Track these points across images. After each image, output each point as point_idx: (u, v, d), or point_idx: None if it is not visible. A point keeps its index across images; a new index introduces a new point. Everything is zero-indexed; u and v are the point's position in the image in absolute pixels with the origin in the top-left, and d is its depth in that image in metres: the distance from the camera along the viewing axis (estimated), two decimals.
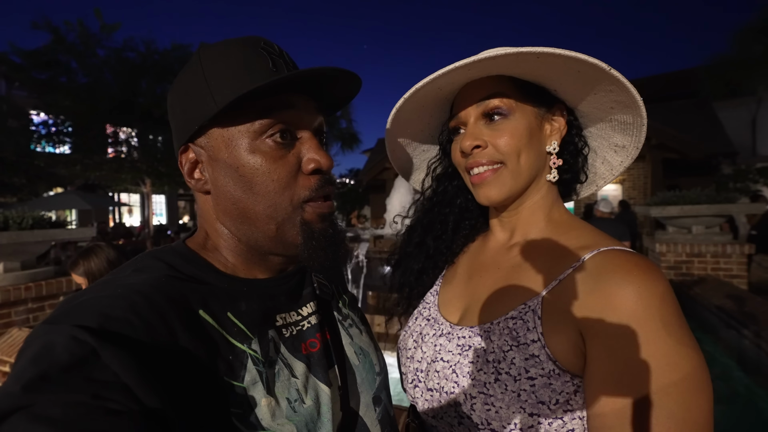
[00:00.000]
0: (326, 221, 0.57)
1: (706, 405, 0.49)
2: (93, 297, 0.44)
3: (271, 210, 0.53)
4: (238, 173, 0.53)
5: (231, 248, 0.58)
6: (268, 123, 0.52)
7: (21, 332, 2.98)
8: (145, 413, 0.36)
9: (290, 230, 0.54)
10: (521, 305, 0.63)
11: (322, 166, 0.55)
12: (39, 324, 0.41)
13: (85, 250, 2.00)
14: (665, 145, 9.05)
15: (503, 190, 0.68)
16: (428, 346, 0.72)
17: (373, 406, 0.64)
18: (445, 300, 0.79)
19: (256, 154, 0.52)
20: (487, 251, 0.79)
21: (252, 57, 0.53)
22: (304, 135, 0.56)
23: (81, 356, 0.36)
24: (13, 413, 0.32)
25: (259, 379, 0.49)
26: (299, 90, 0.55)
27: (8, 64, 9.99)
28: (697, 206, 4.45)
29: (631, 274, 0.54)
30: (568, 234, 0.68)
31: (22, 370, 0.35)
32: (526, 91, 0.69)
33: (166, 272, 0.51)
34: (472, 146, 0.68)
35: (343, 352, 0.64)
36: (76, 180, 12.90)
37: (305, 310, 0.62)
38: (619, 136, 0.74)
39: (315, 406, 0.53)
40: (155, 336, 0.42)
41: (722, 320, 3.46)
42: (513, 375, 0.58)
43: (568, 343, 0.57)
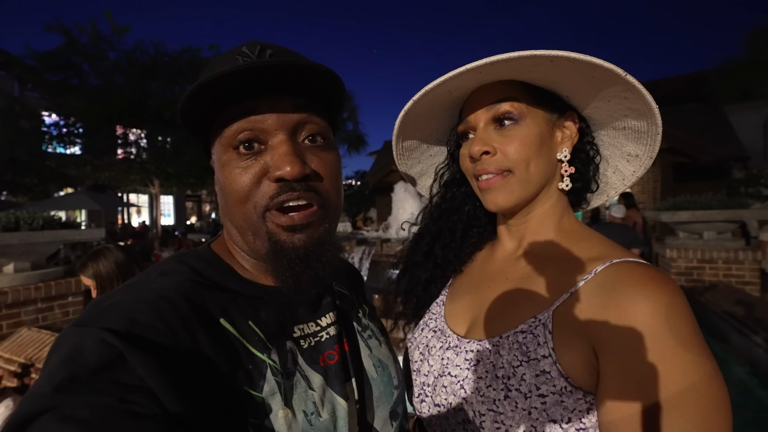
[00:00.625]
0: (295, 233, 0.52)
1: (723, 423, 0.47)
2: (120, 301, 0.45)
3: (243, 220, 0.53)
4: (220, 185, 0.55)
5: (243, 255, 0.59)
6: (232, 134, 0.52)
7: (30, 332, 3.01)
8: (168, 418, 0.37)
9: (261, 239, 0.53)
10: (531, 318, 0.61)
11: (284, 175, 0.50)
12: (68, 326, 0.42)
13: (93, 252, 2.01)
14: (675, 149, 8.94)
15: (512, 197, 0.67)
16: (435, 360, 0.70)
17: (390, 420, 0.62)
18: (452, 311, 0.77)
19: (226, 166, 0.53)
20: (495, 261, 0.78)
21: (222, 65, 0.50)
22: (275, 140, 0.52)
23: (109, 359, 0.38)
24: (43, 413, 0.33)
25: (277, 390, 0.49)
26: (271, 90, 0.51)
27: (22, 67, 10.17)
28: (709, 211, 4.38)
29: (646, 288, 0.52)
30: (579, 244, 0.66)
31: (52, 372, 0.36)
32: (538, 96, 0.67)
33: (190, 277, 0.52)
34: (481, 152, 0.66)
35: (361, 365, 0.63)
36: (86, 180, 13.07)
37: (324, 321, 0.61)
38: (632, 145, 0.71)
39: (331, 420, 0.52)
40: (179, 342, 0.43)
41: (734, 327, 3.40)
42: (523, 392, 0.57)
43: (581, 359, 0.55)
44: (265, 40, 0.55)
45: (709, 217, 4.42)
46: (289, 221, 0.52)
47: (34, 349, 2.83)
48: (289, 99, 0.53)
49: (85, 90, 9.83)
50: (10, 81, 14.10)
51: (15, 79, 13.94)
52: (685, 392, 0.48)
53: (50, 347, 0.41)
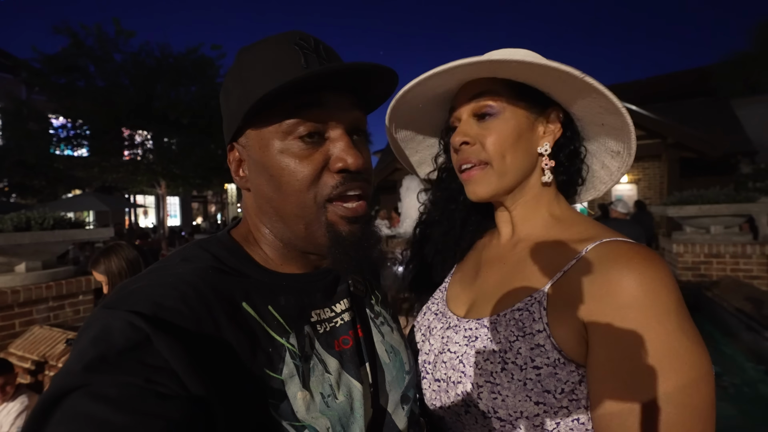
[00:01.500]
0: (353, 224, 0.55)
1: (706, 391, 0.50)
2: (146, 285, 0.47)
3: (298, 209, 0.54)
4: (269, 173, 0.54)
5: (269, 244, 0.60)
6: (295, 123, 0.52)
7: (42, 330, 3.06)
8: (191, 399, 0.39)
9: (317, 230, 0.55)
10: (527, 297, 0.64)
11: (348, 166, 0.53)
12: (97, 308, 0.44)
13: (106, 249, 2.06)
14: (682, 143, 8.87)
15: (489, 188, 0.70)
16: (435, 339, 0.74)
17: (401, 404, 0.64)
18: (453, 295, 0.81)
19: (284, 154, 0.53)
20: (492, 247, 0.81)
21: (283, 55, 0.53)
22: (334, 133, 0.54)
23: (136, 341, 0.39)
24: (74, 390, 0.35)
25: (296, 373, 0.51)
26: (333, 86, 0.54)
27: (29, 70, 10.28)
28: (716, 206, 4.35)
29: (631, 262, 0.55)
30: (571, 229, 0.69)
31: (83, 351, 0.38)
32: (521, 92, 0.70)
33: (211, 263, 0.53)
34: (461, 142, 0.70)
35: (374, 350, 0.64)
36: (94, 182, 13.21)
37: (339, 307, 0.62)
38: (613, 142, 0.75)
39: (348, 401, 0.54)
40: (202, 326, 0.45)
41: (742, 322, 3.38)
42: (519, 364, 0.60)
43: (572, 333, 0.58)
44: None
45: (716, 212, 4.38)
46: (353, 212, 0.55)
47: (46, 346, 2.88)
48: (349, 97, 0.56)
49: (92, 92, 9.93)
50: (17, 84, 14.27)
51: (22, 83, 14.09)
52: (668, 360, 0.50)
53: (81, 327, 0.43)
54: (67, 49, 9.59)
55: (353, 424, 0.54)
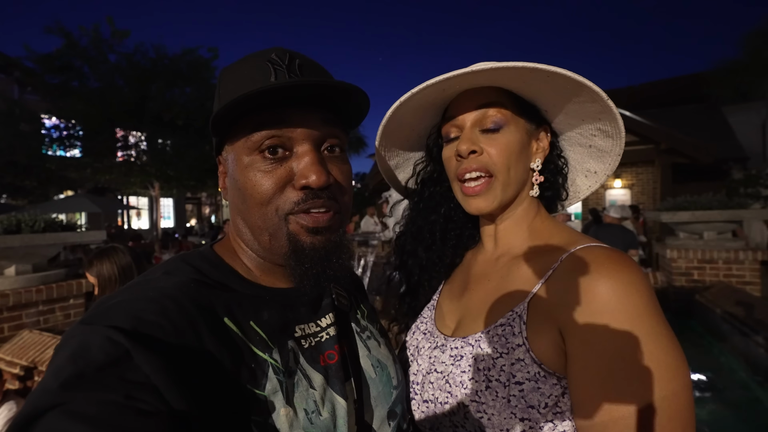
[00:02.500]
0: (315, 235, 0.55)
1: (682, 389, 0.50)
2: (126, 299, 0.46)
3: (261, 221, 0.55)
4: (237, 186, 0.56)
5: (248, 256, 0.60)
6: (260, 138, 0.53)
7: (31, 334, 3.01)
8: (173, 415, 0.38)
9: (280, 241, 0.55)
10: (509, 312, 0.64)
11: (310, 183, 0.53)
12: (75, 324, 0.43)
13: (101, 251, 2.04)
14: (674, 149, 8.96)
15: (494, 201, 0.70)
16: (423, 359, 0.73)
17: (387, 420, 0.63)
18: (441, 314, 0.80)
19: (249, 168, 0.54)
20: (478, 264, 0.81)
21: (254, 71, 0.54)
22: (300, 149, 0.55)
23: (115, 357, 0.38)
24: (50, 409, 0.34)
25: (279, 389, 0.50)
26: (303, 102, 0.54)
27: (21, 69, 10.18)
28: (709, 212, 4.39)
29: (603, 267, 0.56)
30: (550, 240, 0.70)
31: (60, 368, 0.37)
32: (521, 106, 0.71)
33: (194, 277, 0.53)
34: (469, 150, 0.69)
35: (359, 365, 0.64)
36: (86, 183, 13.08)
37: (324, 321, 0.62)
38: (594, 163, 0.78)
39: (331, 418, 0.53)
40: (184, 340, 0.44)
41: (734, 327, 3.40)
42: (502, 381, 0.59)
43: (551, 344, 0.58)
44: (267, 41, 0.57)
45: (709, 218, 4.42)
46: (314, 222, 0.54)
47: (36, 351, 2.83)
48: (319, 113, 0.56)
49: (85, 93, 9.84)
50: (9, 84, 14.11)
51: (15, 82, 13.96)
52: (644, 362, 0.50)
53: (57, 344, 0.41)
54: (61, 50, 9.51)
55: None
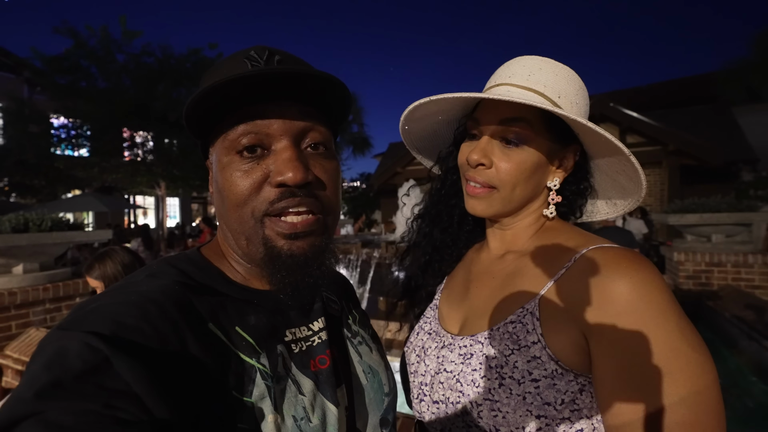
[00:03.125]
0: (293, 240, 0.52)
1: (712, 384, 0.50)
2: (106, 303, 0.44)
3: (237, 224, 0.53)
4: (217, 187, 0.55)
5: (236, 259, 0.58)
6: (236, 136, 0.52)
7: (38, 332, 3.04)
8: (154, 424, 0.36)
9: (256, 245, 0.53)
10: (519, 309, 0.64)
11: (286, 180, 0.50)
12: (52, 329, 0.41)
13: (100, 254, 2.04)
14: (683, 151, 8.87)
15: (490, 210, 0.72)
16: (431, 359, 0.72)
17: (380, 427, 0.62)
18: (444, 313, 0.80)
19: (227, 168, 0.52)
20: (481, 262, 0.81)
21: (231, 69, 0.51)
22: (278, 145, 0.52)
23: (94, 364, 0.36)
24: (25, 419, 0.32)
25: (267, 395, 0.49)
26: (279, 96, 0.52)
27: (31, 69, 10.29)
28: (718, 214, 4.33)
29: (622, 267, 0.56)
30: (558, 238, 0.70)
31: (35, 376, 0.35)
32: (550, 123, 0.68)
33: (178, 279, 0.51)
34: (478, 162, 0.69)
35: (351, 371, 0.63)
36: (94, 182, 13.19)
37: (316, 326, 0.60)
38: (616, 193, 0.78)
39: (321, 425, 0.52)
40: (166, 346, 0.42)
41: (743, 332, 3.36)
42: (516, 378, 0.59)
43: (569, 342, 0.57)
44: (272, 44, 0.56)
45: (718, 220, 4.37)
46: (291, 228, 0.52)
47: None
48: (296, 106, 0.53)
49: (93, 93, 9.93)
50: (19, 84, 14.29)
51: (24, 82, 14.13)
52: (673, 360, 0.50)
53: (33, 351, 0.40)
54: (70, 50, 9.60)
55: None
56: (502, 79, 0.71)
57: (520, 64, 0.70)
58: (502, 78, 0.71)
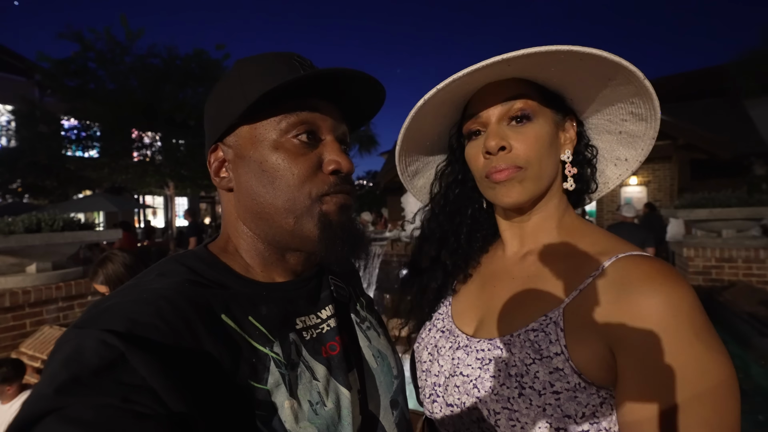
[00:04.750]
0: (344, 214, 0.58)
1: (737, 410, 0.49)
2: (120, 302, 0.45)
3: (290, 203, 0.55)
4: (261, 168, 0.56)
5: (250, 248, 0.60)
6: (294, 122, 0.56)
7: (52, 330, 3.10)
8: (171, 417, 0.37)
9: (308, 223, 0.56)
10: (542, 317, 0.61)
11: (341, 168, 0.57)
12: (68, 328, 0.42)
13: (100, 259, 2.07)
14: (693, 144, 8.73)
15: (525, 193, 0.66)
16: (445, 360, 0.70)
17: (390, 409, 0.64)
18: (458, 310, 0.77)
19: (279, 150, 0.55)
20: (498, 260, 0.77)
21: (281, 65, 0.56)
22: (328, 138, 0.59)
23: (110, 360, 0.38)
24: (46, 415, 0.33)
25: (282, 382, 0.50)
26: (325, 97, 0.58)
27: (42, 72, 10.44)
28: (728, 209, 4.27)
29: (656, 282, 0.53)
30: (583, 240, 0.67)
31: (54, 374, 0.37)
32: (546, 96, 0.68)
33: (188, 276, 0.52)
34: (499, 146, 0.65)
35: (361, 355, 0.64)
36: (104, 183, 13.35)
37: (324, 313, 0.62)
38: (623, 149, 0.74)
39: (336, 409, 0.53)
40: (180, 340, 0.43)
41: (754, 328, 3.31)
42: (537, 389, 0.57)
43: (594, 356, 0.56)
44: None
45: (728, 215, 4.30)
46: (345, 200, 0.59)
47: None
48: (337, 109, 0.61)
49: (102, 95, 10.05)
50: (30, 87, 14.49)
51: (35, 85, 14.33)
52: (702, 382, 0.49)
53: (51, 349, 0.41)
54: (77, 54, 9.73)
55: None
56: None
57: None
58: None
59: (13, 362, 2.41)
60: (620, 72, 0.60)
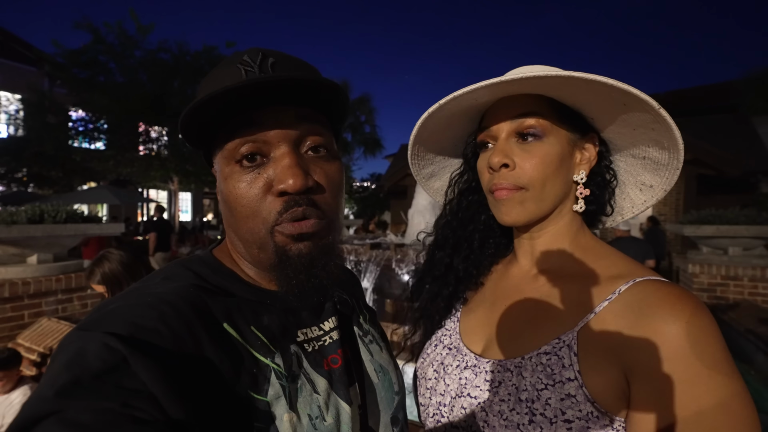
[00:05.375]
0: (299, 242, 0.52)
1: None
2: (123, 305, 0.45)
3: (249, 234, 0.53)
4: (222, 198, 0.55)
5: (245, 263, 0.59)
6: (234, 146, 0.51)
7: (50, 322, 3.09)
8: (170, 424, 0.37)
9: (268, 253, 0.52)
10: (555, 339, 0.59)
11: (287, 188, 0.50)
12: (72, 330, 0.42)
13: (97, 259, 2.05)
14: (700, 160, 8.69)
15: (525, 213, 0.66)
16: (452, 379, 0.68)
17: (391, 426, 0.62)
18: (466, 327, 0.75)
19: (230, 179, 0.52)
20: (510, 277, 0.76)
21: (225, 76, 0.51)
22: (277, 152, 0.51)
23: (112, 364, 0.37)
24: (46, 417, 0.33)
25: (282, 394, 0.49)
26: (274, 101, 0.51)
27: (52, 63, 10.52)
28: (735, 227, 4.23)
29: (675, 309, 0.52)
30: (598, 262, 0.65)
31: (55, 375, 0.36)
32: (562, 113, 0.66)
33: (193, 282, 0.52)
34: (501, 164, 0.64)
35: (363, 370, 0.63)
36: (109, 175, 13.41)
37: (327, 325, 0.61)
38: (649, 175, 0.72)
39: (335, 424, 0.52)
40: (182, 347, 0.43)
41: (759, 348, 3.27)
42: (548, 417, 0.55)
43: (609, 383, 0.54)
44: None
45: (735, 233, 4.26)
46: (298, 229, 0.51)
47: (53, 339, 2.90)
48: (292, 110, 0.52)
49: (111, 87, 10.12)
50: (40, 77, 14.59)
51: (45, 75, 14.42)
52: (720, 415, 0.47)
53: (54, 351, 0.41)
54: (88, 45, 9.80)
55: None
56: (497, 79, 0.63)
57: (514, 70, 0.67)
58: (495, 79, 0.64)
59: (9, 350, 2.40)
60: (631, 99, 0.58)
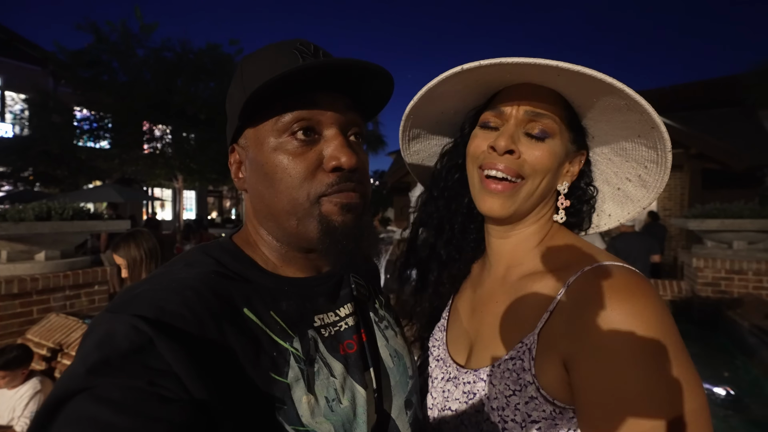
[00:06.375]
0: (346, 213, 0.55)
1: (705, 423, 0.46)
2: (149, 289, 0.47)
3: (290, 206, 0.55)
4: (264, 170, 0.55)
5: (268, 245, 0.60)
6: (290, 120, 0.54)
7: (58, 318, 3.13)
8: (193, 403, 0.39)
9: (309, 225, 0.55)
10: (519, 343, 0.60)
11: (342, 165, 0.54)
12: (101, 312, 0.45)
13: (128, 234, 2.23)
14: (705, 154, 8.62)
15: (509, 208, 0.65)
16: (437, 392, 0.71)
17: (405, 409, 0.64)
18: (452, 337, 0.77)
19: (278, 151, 0.54)
20: (485, 282, 0.77)
21: (282, 57, 0.55)
22: (329, 132, 0.55)
23: (139, 344, 0.40)
24: (78, 393, 0.36)
25: (301, 377, 0.51)
26: (329, 87, 0.55)
27: (56, 63, 10.56)
28: (740, 221, 4.21)
29: (619, 295, 0.51)
30: (558, 256, 0.66)
31: (87, 354, 0.39)
32: (571, 122, 0.68)
33: (214, 268, 0.54)
34: (507, 149, 0.63)
35: (378, 354, 0.64)
36: (114, 174, 13.49)
37: (343, 311, 0.62)
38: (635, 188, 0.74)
39: (351, 406, 0.54)
40: (205, 330, 0.45)
41: (763, 342, 3.26)
42: (518, 422, 0.56)
43: (556, 378, 0.54)
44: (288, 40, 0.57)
45: (740, 227, 4.25)
46: (348, 198, 0.55)
47: (61, 334, 2.94)
48: (342, 98, 0.57)
49: (115, 86, 10.14)
50: (44, 76, 14.65)
51: (49, 75, 14.48)
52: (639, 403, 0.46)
53: (84, 331, 0.43)
54: (91, 45, 9.82)
55: (356, 430, 0.54)
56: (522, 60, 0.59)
57: None
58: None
59: (23, 347, 2.45)
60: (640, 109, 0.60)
